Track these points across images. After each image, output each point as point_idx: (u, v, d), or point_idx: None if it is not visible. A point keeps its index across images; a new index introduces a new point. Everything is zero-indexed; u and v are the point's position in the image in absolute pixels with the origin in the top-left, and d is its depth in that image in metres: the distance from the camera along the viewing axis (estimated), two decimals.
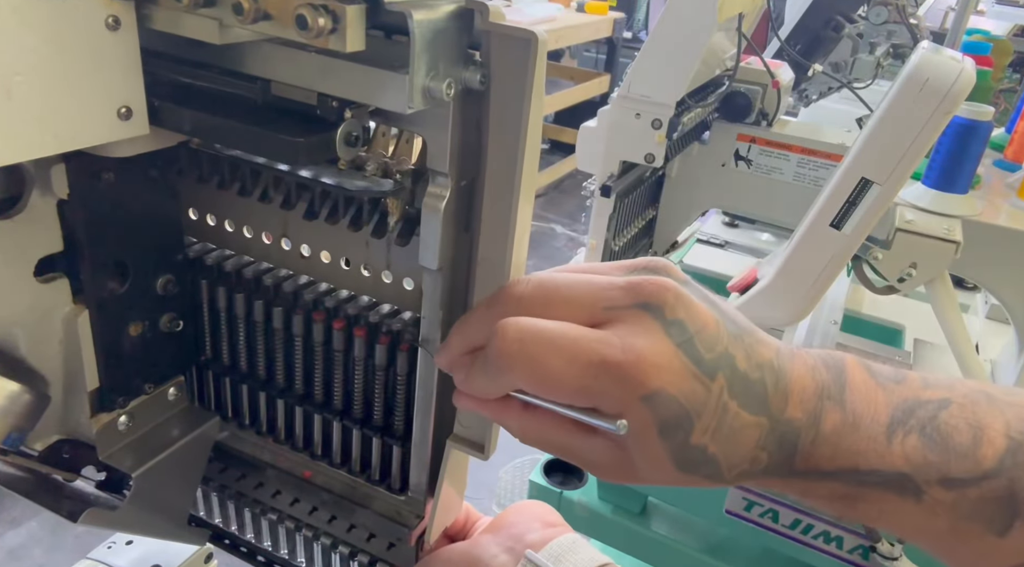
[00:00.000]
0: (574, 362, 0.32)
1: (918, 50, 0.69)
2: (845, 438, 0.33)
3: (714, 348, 0.33)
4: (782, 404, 0.33)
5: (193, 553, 0.63)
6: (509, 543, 0.47)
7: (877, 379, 0.34)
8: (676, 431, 0.32)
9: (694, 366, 0.32)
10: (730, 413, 0.33)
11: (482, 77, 0.32)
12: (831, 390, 0.34)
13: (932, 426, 0.32)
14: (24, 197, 0.35)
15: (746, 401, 0.33)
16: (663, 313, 0.32)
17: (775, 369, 0.34)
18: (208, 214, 0.45)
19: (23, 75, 0.28)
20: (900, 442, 0.32)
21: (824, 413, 0.33)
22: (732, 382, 0.33)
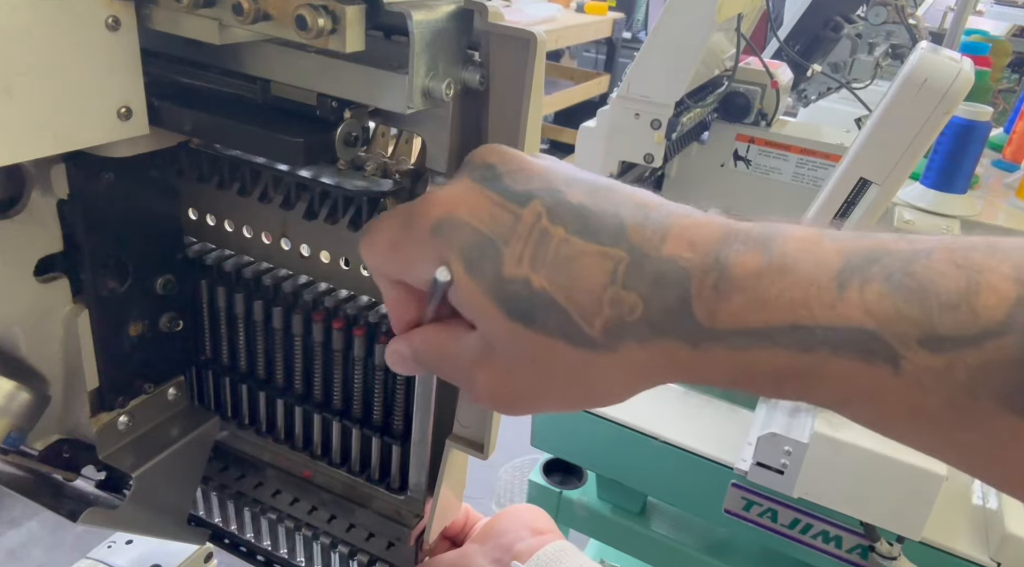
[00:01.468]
0: (382, 222, 0.31)
1: (917, 50, 0.69)
2: (771, 284, 0.25)
3: (528, 182, 0.29)
4: (654, 240, 0.27)
5: (193, 552, 0.63)
6: (497, 553, 0.47)
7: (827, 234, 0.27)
8: (482, 260, 0.28)
9: (497, 196, 0.29)
10: (554, 239, 0.28)
11: (481, 77, 0.32)
12: (749, 235, 0.27)
13: (904, 272, 0.24)
14: (24, 197, 0.35)
15: (581, 228, 0.28)
16: (472, 162, 0.31)
17: (643, 206, 0.28)
18: (208, 214, 0.46)
19: (23, 75, 0.28)
20: (858, 290, 0.24)
21: (733, 253, 0.26)
22: (554, 208, 0.28)
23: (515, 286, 0.28)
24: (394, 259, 0.31)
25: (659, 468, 0.92)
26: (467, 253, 0.29)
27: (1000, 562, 0.78)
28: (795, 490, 0.79)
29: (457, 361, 0.32)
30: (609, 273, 0.27)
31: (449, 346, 0.32)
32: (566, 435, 0.98)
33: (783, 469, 0.80)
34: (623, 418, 0.93)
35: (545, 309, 0.28)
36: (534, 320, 0.28)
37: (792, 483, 0.79)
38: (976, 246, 0.24)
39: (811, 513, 0.85)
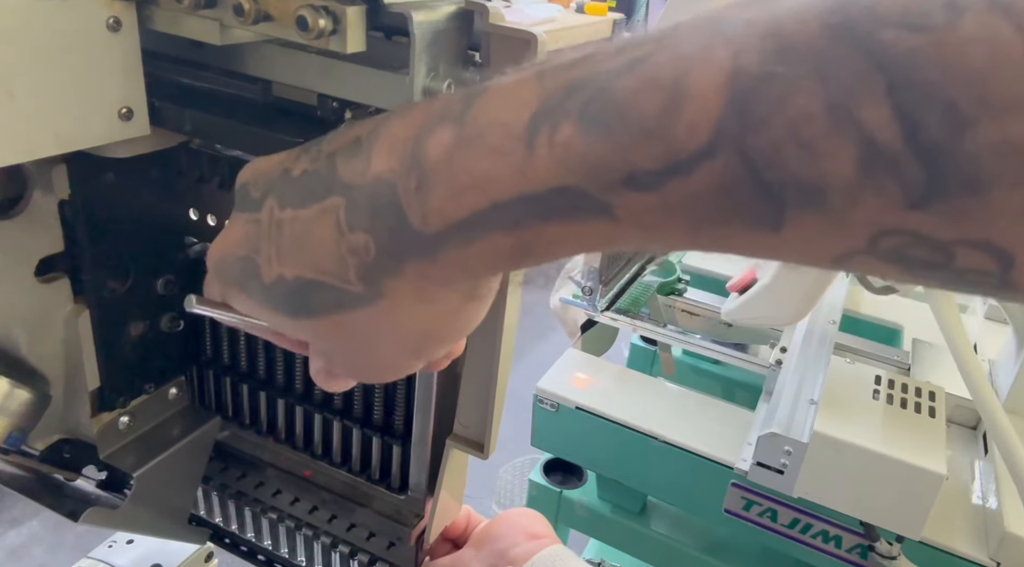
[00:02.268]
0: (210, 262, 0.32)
1: None
2: (463, 162, 0.22)
3: (267, 183, 0.29)
4: (361, 166, 0.25)
5: (193, 552, 0.63)
6: (492, 559, 0.47)
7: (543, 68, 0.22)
8: (247, 280, 0.29)
9: (246, 214, 0.29)
10: (286, 223, 0.27)
11: (482, 78, 0.32)
12: (452, 107, 0.23)
13: (599, 101, 0.20)
14: (25, 197, 0.35)
15: (303, 198, 0.27)
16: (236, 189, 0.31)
17: (358, 141, 0.26)
18: (208, 214, 0.46)
19: (24, 76, 0.28)
20: (547, 141, 0.21)
21: (429, 139, 0.23)
22: (283, 194, 0.28)
23: (277, 287, 0.28)
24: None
25: (659, 468, 0.92)
26: (240, 281, 0.30)
27: (999, 561, 0.78)
28: (795, 490, 0.80)
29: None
30: (334, 227, 0.25)
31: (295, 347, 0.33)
32: (566, 435, 0.98)
33: (783, 469, 0.80)
34: (623, 418, 0.93)
35: (310, 293, 0.27)
36: (311, 308, 0.27)
37: (792, 483, 0.79)
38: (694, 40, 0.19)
39: (811, 513, 0.85)
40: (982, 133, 0.15)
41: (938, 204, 0.17)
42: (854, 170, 0.17)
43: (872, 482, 0.75)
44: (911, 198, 0.17)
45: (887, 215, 0.17)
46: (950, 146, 0.16)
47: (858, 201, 0.17)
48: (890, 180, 0.17)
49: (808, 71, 0.17)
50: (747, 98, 0.18)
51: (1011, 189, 0.16)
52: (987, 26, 0.15)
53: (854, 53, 0.16)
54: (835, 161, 0.17)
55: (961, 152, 0.16)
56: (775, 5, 0.18)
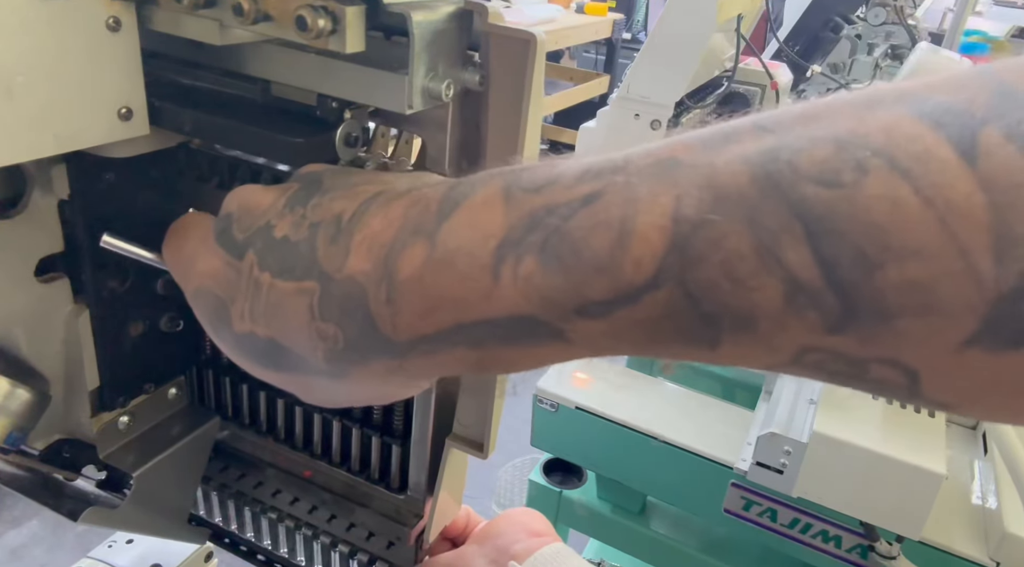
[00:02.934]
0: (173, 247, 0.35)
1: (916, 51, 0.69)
2: (433, 282, 0.24)
3: (251, 227, 0.29)
4: (340, 259, 0.26)
5: (193, 552, 0.63)
6: (494, 554, 0.47)
7: (510, 191, 0.24)
8: (218, 322, 0.30)
9: (227, 254, 0.30)
10: (264, 287, 0.28)
11: (481, 78, 0.33)
12: (426, 222, 0.25)
13: (558, 237, 0.22)
14: (25, 197, 0.35)
15: (283, 268, 0.27)
16: (220, 213, 0.32)
17: (340, 222, 0.27)
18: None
19: (24, 76, 0.28)
20: (511, 272, 0.23)
21: (402, 254, 0.25)
22: (264, 254, 0.28)
23: (247, 340, 0.29)
24: None
25: (659, 468, 0.92)
26: (211, 317, 0.31)
27: (999, 562, 0.78)
28: (795, 490, 0.80)
29: None
30: (307, 309, 0.27)
31: None
32: (566, 435, 0.98)
33: (783, 469, 0.80)
34: (623, 418, 0.93)
35: (278, 354, 0.29)
36: (279, 365, 0.29)
37: (792, 483, 0.79)
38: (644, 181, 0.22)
39: (811, 513, 0.85)
40: (887, 273, 0.18)
41: (853, 329, 0.19)
42: (780, 302, 0.20)
43: (872, 482, 0.76)
44: (829, 324, 0.19)
45: (809, 337, 0.20)
46: (861, 283, 0.19)
47: (785, 327, 0.20)
48: (811, 310, 0.19)
49: (739, 217, 0.20)
50: (686, 240, 0.20)
51: (913, 318, 0.18)
52: (888, 185, 0.18)
53: (778, 204, 0.19)
54: (764, 294, 0.20)
55: (870, 288, 0.18)
56: (715, 156, 0.21)
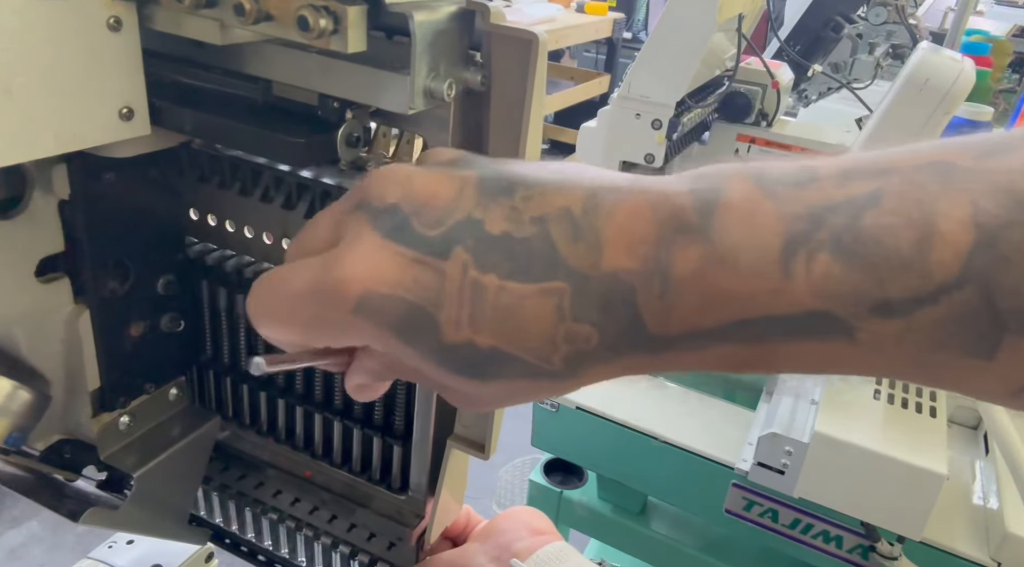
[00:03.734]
0: (288, 297, 0.28)
1: (917, 50, 0.69)
2: (714, 279, 0.24)
3: (444, 221, 0.26)
4: (592, 256, 0.25)
5: (194, 552, 0.63)
6: (496, 552, 0.47)
7: (768, 187, 0.24)
8: (414, 332, 0.26)
9: (413, 251, 0.26)
10: (489, 291, 0.25)
11: (483, 78, 0.32)
12: (688, 219, 0.25)
13: (852, 235, 0.23)
14: (25, 197, 0.35)
15: (513, 269, 0.25)
16: (372, 205, 0.27)
17: (574, 216, 0.26)
18: (209, 214, 0.46)
19: (24, 76, 0.28)
20: (803, 269, 0.23)
21: (674, 252, 0.24)
22: (479, 253, 0.25)
23: (460, 350, 0.26)
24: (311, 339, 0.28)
25: (659, 468, 0.92)
26: (399, 328, 0.26)
27: (1000, 562, 0.78)
28: (796, 490, 0.79)
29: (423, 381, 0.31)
30: (555, 311, 0.25)
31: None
32: (566, 435, 0.98)
33: (784, 469, 0.80)
34: (623, 418, 0.93)
35: (499, 363, 0.26)
36: (489, 374, 0.27)
37: (793, 483, 0.79)
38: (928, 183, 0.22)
39: (812, 513, 0.85)
40: None
41: None
42: None
43: (873, 482, 0.75)
44: None
45: None
46: None
47: None
48: None
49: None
50: (992, 241, 0.21)
51: None
52: None
53: None
54: None
55: None
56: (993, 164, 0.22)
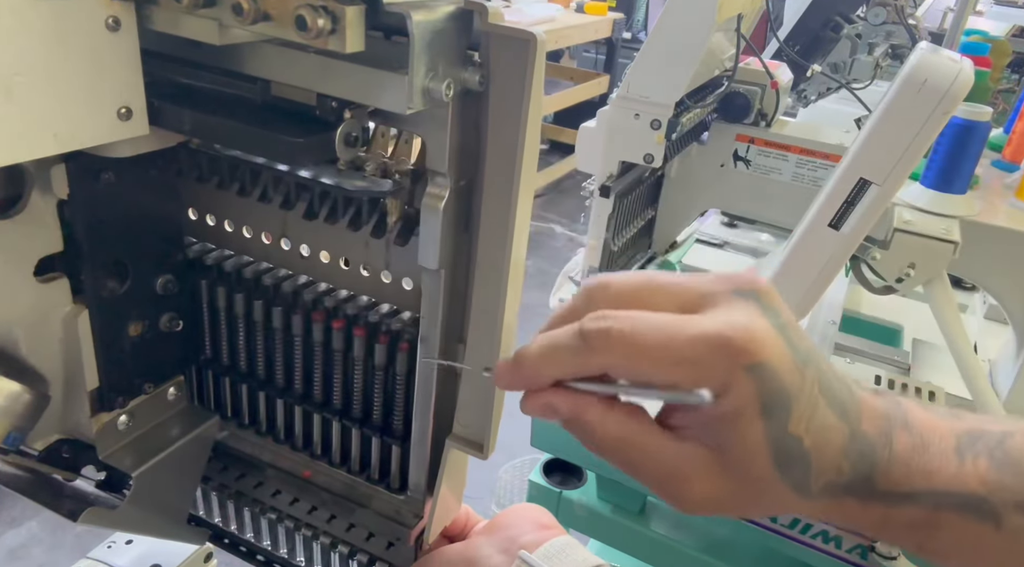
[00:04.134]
0: (675, 336, 0.31)
1: (916, 50, 0.69)
2: (917, 458, 0.33)
3: (804, 340, 0.33)
4: (858, 416, 0.33)
5: (193, 552, 0.63)
6: (504, 544, 0.47)
7: (933, 412, 0.34)
8: (778, 412, 0.31)
9: (790, 352, 0.31)
10: (820, 409, 0.32)
11: (481, 78, 0.32)
12: (895, 414, 0.34)
13: (1001, 450, 0.32)
14: (24, 197, 0.35)
15: (831, 401, 0.33)
16: (758, 297, 0.32)
17: (848, 384, 0.34)
18: (208, 214, 0.46)
19: (23, 75, 0.28)
20: (971, 463, 0.32)
21: (894, 433, 0.33)
22: (821, 378, 0.32)
23: (792, 441, 0.32)
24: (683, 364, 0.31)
25: None
26: (768, 400, 0.31)
27: None
28: None
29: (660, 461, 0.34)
30: (843, 445, 0.32)
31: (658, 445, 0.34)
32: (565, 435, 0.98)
33: None
34: None
35: (800, 465, 0.32)
36: (788, 471, 0.32)
37: None
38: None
39: None
40: None
41: None
42: None
43: None
44: None
45: None
46: None
47: None
48: None
49: None
50: None
51: None
52: None
53: None
54: None
55: None
56: None
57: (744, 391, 0.31)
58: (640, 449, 0.34)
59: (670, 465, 0.33)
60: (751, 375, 0.30)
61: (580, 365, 0.33)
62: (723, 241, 1.42)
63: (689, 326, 0.31)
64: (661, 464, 0.33)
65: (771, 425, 0.31)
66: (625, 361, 0.32)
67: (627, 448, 0.34)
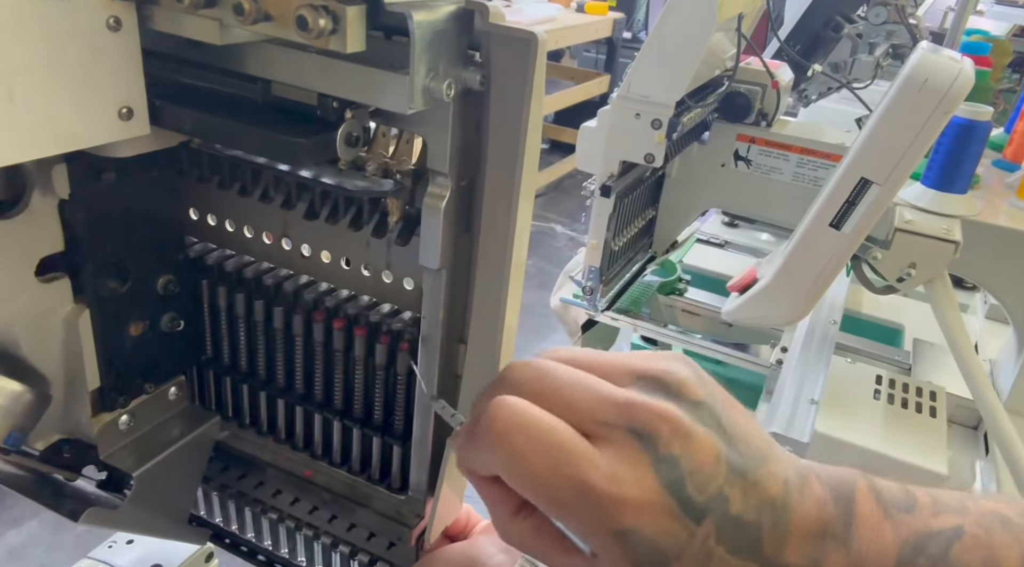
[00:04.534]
0: (556, 471, 0.30)
1: (917, 50, 0.69)
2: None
3: (706, 489, 0.30)
4: (778, 548, 0.30)
5: (194, 552, 0.63)
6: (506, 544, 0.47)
7: (886, 509, 0.31)
8: None
9: (680, 508, 0.29)
10: (714, 559, 0.30)
11: (482, 78, 0.32)
12: (836, 528, 0.31)
13: (943, 561, 0.30)
14: (25, 197, 0.35)
15: (735, 546, 0.30)
16: (656, 446, 0.30)
17: (776, 508, 0.31)
18: (209, 214, 0.46)
19: (24, 75, 0.28)
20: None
21: (826, 556, 0.30)
22: (722, 527, 0.30)
23: None
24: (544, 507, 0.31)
25: None
26: (639, 562, 0.30)
27: None
28: None
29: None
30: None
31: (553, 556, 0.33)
32: None
33: None
34: None
35: None
36: None
37: None
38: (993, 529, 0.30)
39: None
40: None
41: None
42: None
43: None
44: None
45: None
46: None
47: None
48: None
49: None
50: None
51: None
52: None
53: None
54: None
55: None
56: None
57: (609, 550, 0.30)
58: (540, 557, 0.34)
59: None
60: (617, 540, 0.29)
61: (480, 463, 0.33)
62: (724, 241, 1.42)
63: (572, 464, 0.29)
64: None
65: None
66: (506, 474, 0.31)
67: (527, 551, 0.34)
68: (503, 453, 0.30)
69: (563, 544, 0.32)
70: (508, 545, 0.46)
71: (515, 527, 0.33)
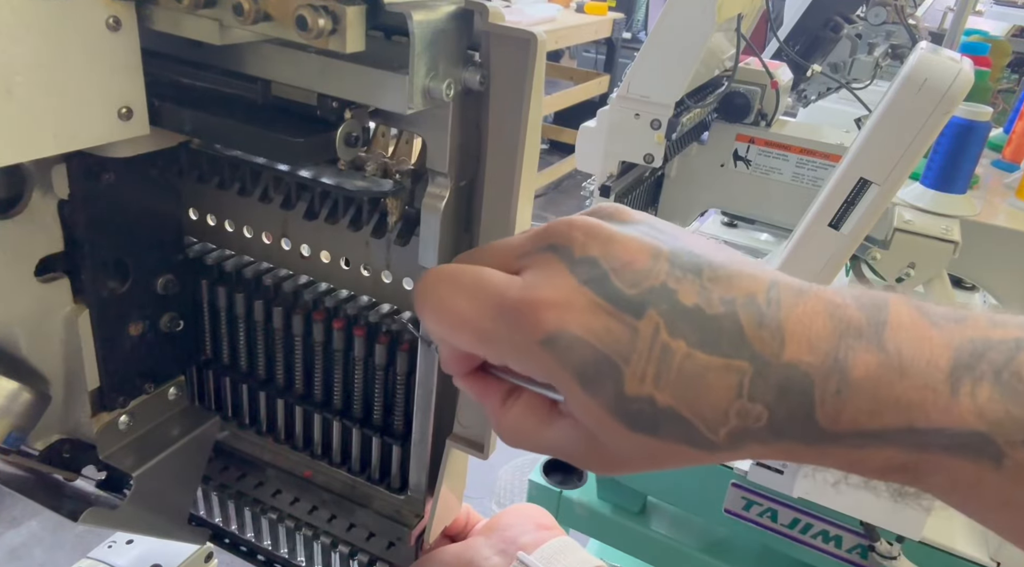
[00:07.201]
0: (474, 301, 0.29)
1: (916, 50, 0.69)
2: (889, 386, 0.26)
3: (640, 283, 0.28)
4: (774, 345, 0.27)
5: (193, 552, 0.63)
6: (502, 545, 0.47)
7: (929, 318, 0.27)
8: (601, 379, 0.27)
9: (608, 303, 0.27)
10: (677, 355, 0.27)
11: (482, 78, 0.33)
12: (861, 328, 0.27)
13: (1010, 370, 0.25)
14: (25, 197, 0.35)
15: (702, 340, 0.27)
16: (570, 252, 0.29)
17: (758, 304, 0.28)
18: (208, 214, 0.46)
19: (23, 75, 0.28)
20: (969, 393, 0.25)
21: (852, 355, 0.26)
22: (671, 319, 0.27)
23: (639, 404, 0.27)
24: (482, 348, 0.30)
25: None
26: (583, 371, 0.28)
27: (999, 562, 0.78)
28: (795, 490, 0.79)
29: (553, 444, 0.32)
30: (735, 387, 0.27)
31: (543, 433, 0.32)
32: None
33: (783, 469, 0.80)
34: None
35: (670, 422, 0.27)
36: (659, 432, 0.28)
37: (792, 483, 0.79)
38: None
39: (811, 513, 0.85)
40: None
41: None
42: None
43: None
44: None
45: None
46: None
47: None
48: None
49: None
50: None
51: None
52: None
53: None
54: None
55: None
56: None
57: (547, 366, 0.28)
58: (534, 441, 0.33)
59: (563, 451, 0.32)
60: (546, 348, 0.28)
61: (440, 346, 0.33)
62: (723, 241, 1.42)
63: (487, 291, 0.29)
64: (554, 450, 0.32)
65: (598, 394, 0.28)
66: (438, 327, 0.31)
67: (522, 439, 0.33)
68: (431, 308, 0.30)
69: (551, 415, 0.31)
70: (504, 546, 0.47)
71: (506, 417, 0.33)
